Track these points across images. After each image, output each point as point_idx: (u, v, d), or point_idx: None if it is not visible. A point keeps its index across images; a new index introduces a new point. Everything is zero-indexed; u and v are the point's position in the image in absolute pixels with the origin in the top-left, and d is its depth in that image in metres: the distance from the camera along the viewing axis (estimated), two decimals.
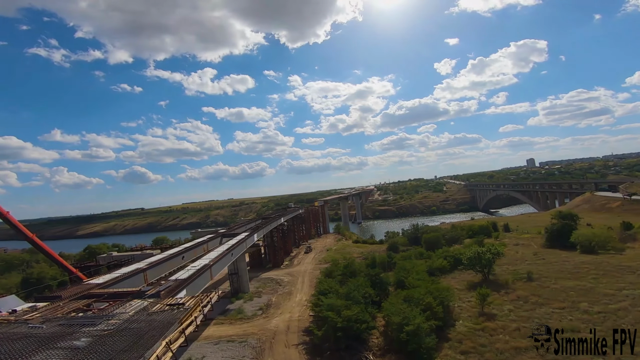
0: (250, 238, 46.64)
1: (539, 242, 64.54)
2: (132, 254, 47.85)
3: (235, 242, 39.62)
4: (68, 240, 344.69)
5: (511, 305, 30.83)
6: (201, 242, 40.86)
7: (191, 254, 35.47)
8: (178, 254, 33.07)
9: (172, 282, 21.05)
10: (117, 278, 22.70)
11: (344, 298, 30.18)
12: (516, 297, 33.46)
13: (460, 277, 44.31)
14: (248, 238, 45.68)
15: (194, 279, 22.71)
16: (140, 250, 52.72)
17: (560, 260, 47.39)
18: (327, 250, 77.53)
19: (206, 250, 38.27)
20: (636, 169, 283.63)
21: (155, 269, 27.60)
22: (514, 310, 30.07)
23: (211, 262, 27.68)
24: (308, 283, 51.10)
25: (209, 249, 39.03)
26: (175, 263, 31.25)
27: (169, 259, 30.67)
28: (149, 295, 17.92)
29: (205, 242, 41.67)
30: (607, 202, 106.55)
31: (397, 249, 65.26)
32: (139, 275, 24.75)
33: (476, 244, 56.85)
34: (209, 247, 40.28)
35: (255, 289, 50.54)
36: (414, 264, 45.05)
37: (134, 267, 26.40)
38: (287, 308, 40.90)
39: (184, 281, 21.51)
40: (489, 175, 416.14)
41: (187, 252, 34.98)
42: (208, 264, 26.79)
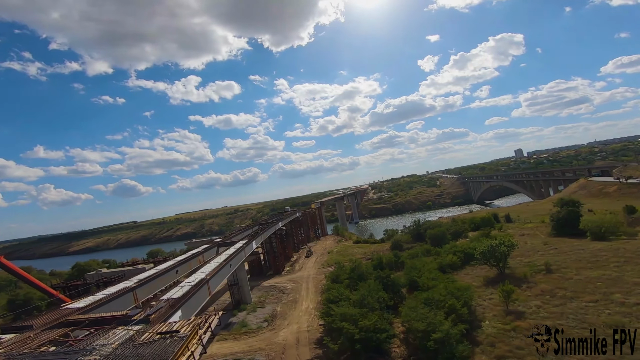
0: (248, 246, 43.72)
1: (545, 231, 63.09)
2: (123, 269, 44.55)
3: (233, 251, 36.71)
4: (60, 257, 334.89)
5: (538, 301, 28.68)
6: (196, 254, 37.82)
7: (186, 267, 32.53)
8: (171, 268, 30.11)
9: (164, 302, 18.23)
10: (102, 300, 19.73)
11: (357, 305, 27.65)
12: (540, 291, 31.36)
13: (473, 272, 42.20)
14: (246, 246, 42.75)
15: (189, 297, 19.88)
16: (132, 266, 49.39)
17: (573, 248, 45.68)
18: (329, 253, 74.94)
19: (202, 262, 35.33)
20: (621, 153, 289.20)
21: (146, 286, 24.65)
22: (542, 307, 27.89)
23: (208, 276, 24.83)
24: (313, 289, 48.43)
25: (205, 260, 36.11)
26: (168, 278, 28.34)
27: (162, 275, 27.71)
28: (136, 321, 15.10)
29: (200, 253, 38.65)
30: (604, 187, 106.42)
31: (401, 247, 63.05)
32: (127, 295, 21.81)
33: (483, 236, 55.11)
34: (205, 258, 37.32)
35: (258, 299, 47.65)
36: (424, 262, 42.82)
37: (122, 286, 23.40)
38: (294, 318, 38.16)
39: (177, 301, 18.69)
40: (480, 167, 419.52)
41: (181, 265, 32.00)
42: (205, 279, 23.94)
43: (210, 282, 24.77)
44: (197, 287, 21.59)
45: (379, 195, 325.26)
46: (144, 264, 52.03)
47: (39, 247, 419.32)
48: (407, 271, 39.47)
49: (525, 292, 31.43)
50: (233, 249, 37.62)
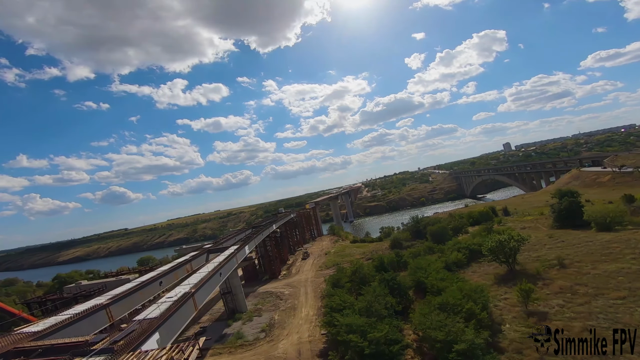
0: (241, 252, 40.67)
1: (546, 223, 61.76)
2: (105, 281, 41.09)
3: (223, 259, 33.56)
4: (48, 267, 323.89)
5: (559, 300, 26.60)
6: (183, 262, 34.65)
7: (171, 277, 29.47)
8: (155, 279, 27.04)
9: (138, 324, 15.32)
10: (65, 321, 16.66)
11: (363, 313, 25.12)
12: (559, 288, 29.35)
13: (481, 270, 40.15)
14: (238, 252, 39.66)
15: (170, 315, 16.98)
16: (115, 277, 45.83)
17: (581, 241, 44.09)
18: (326, 254, 72.34)
19: (190, 270, 32.30)
20: (606, 144, 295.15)
21: (123, 302, 21.59)
22: (566, 306, 25.81)
23: (193, 289, 21.88)
24: (312, 294, 45.73)
25: (193, 269, 33.08)
26: (151, 291, 25.31)
27: (143, 287, 24.67)
28: (97, 351, 12.18)
29: (188, 261, 35.45)
30: (597, 177, 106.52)
31: (401, 245, 60.84)
32: (99, 314, 18.79)
33: (485, 231, 53.29)
34: (194, 266, 34.25)
35: (254, 307, 44.71)
36: (428, 260, 40.56)
37: (92, 303, 20.26)
38: (293, 327, 35.42)
39: (154, 322, 15.79)
40: (470, 162, 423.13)
41: (166, 275, 28.92)
42: (189, 292, 21.00)
43: (197, 295, 21.88)
44: (179, 303, 18.69)
45: (373, 193, 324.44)
46: (130, 273, 48.56)
47: (26, 257, 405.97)
48: (412, 271, 37.13)
49: (542, 290, 29.40)
50: (223, 256, 34.54)
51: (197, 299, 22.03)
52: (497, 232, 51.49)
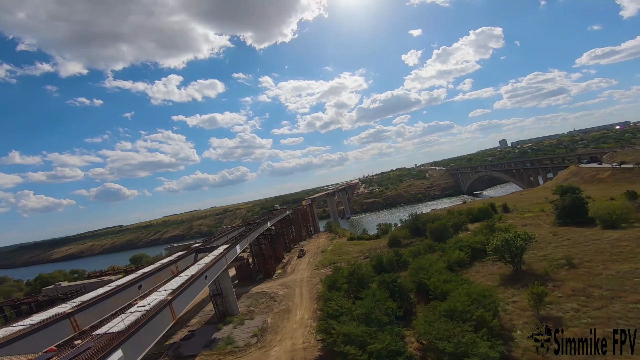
0: (231, 251, 38.32)
1: (548, 220, 60.14)
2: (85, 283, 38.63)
3: (210, 260, 31.11)
4: (42, 265, 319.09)
5: (573, 303, 24.73)
6: (168, 263, 32.25)
7: (153, 280, 27.14)
8: (133, 282, 24.72)
9: (94, 340, 13.05)
10: (18, 334, 14.32)
11: (362, 321, 23.06)
12: (571, 290, 27.48)
13: (484, 270, 38.29)
14: (228, 252, 37.29)
15: (137, 329, 14.70)
16: (98, 277, 43.37)
17: (587, 239, 42.40)
18: (323, 252, 70.32)
19: (175, 272, 29.99)
20: (601, 140, 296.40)
21: (93, 310, 19.21)
22: (581, 310, 23.93)
23: (170, 296, 19.60)
24: (308, 295, 43.67)
25: (179, 270, 30.78)
26: (128, 296, 22.99)
27: (118, 292, 22.35)
28: None
29: (173, 262, 33.06)
30: (596, 173, 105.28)
31: (399, 243, 58.93)
32: (61, 324, 16.47)
33: (487, 229, 51.48)
34: (180, 267, 31.93)
35: (246, 308, 42.60)
36: (429, 260, 38.60)
37: (54, 311, 17.92)
38: (287, 332, 33.33)
39: (116, 337, 13.53)
40: (467, 158, 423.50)
41: (147, 278, 26.58)
42: (165, 300, 18.73)
43: (176, 302, 19.61)
44: (152, 314, 16.40)
45: (370, 189, 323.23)
46: (115, 274, 46.13)
47: (19, 255, 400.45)
48: (413, 272, 35.12)
49: (553, 292, 27.52)
50: (210, 257, 32.06)
51: (175, 306, 19.77)
52: (500, 229, 49.80)
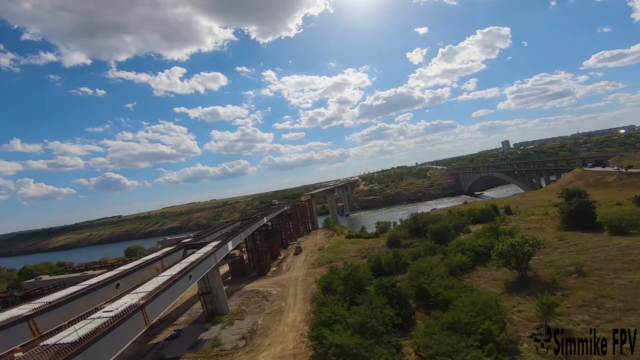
0: (221, 249, 36.26)
1: (553, 224, 58.28)
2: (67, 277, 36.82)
3: (197, 258, 28.77)
4: (39, 254, 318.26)
5: (584, 314, 22.88)
6: (153, 260, 30.23)
7: (134, 278, 25.19)
8: (110, 280, 22.77)
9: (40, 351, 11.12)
10: None
11: (357, 330, 21.21)
12: (581, 301, 25.63)
13: (488, 275, 36.43)
14: (219, 249, 35.26)
15: (95, 339, 12.65)
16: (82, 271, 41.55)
17: (596, 245, 40.51)
18: (320, 250, 68.53)
19: (160, 269, 28.07)
20: (605, 144, 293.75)
21: (58, 311, 17.19)
22: (593, 323, 22.08)
23: (143, 300, 17.54)
24: (302, 295, 41.86)
25: (164, 267, 28.88)
26: (103, 295, 21.04)
27: (91, 291, 20.40)
28: None
29: (158, 258, 31.00)
30: (602, 177, 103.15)
31: (398, 243, 57.09)
32: (18, 328, 14.55)
33: (490, 231, 49.55)
34: (166, 264, 29.99)
35: (237, 308, 40.81)
36: (430, 263, 36.72)
37: (11, 313, 15.95)
38: (277, 335, 31.54)
39: (67, 348, 11.57)
40: (469, 158, 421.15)
41: (126, 276, 24.63)
42: (136, 305, 16.66)
43: (149, 307, 17.64)
44: (117, 321, 14.33)
45: (370, 187, 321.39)
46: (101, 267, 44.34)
47: (16, 243, 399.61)
48: (412, 276, 33.22)
49: (562, 302, 25.64)
50: (197, 255, 29.79)
51: (150, 311, 17.83)
52: (504, 232, 47.90)
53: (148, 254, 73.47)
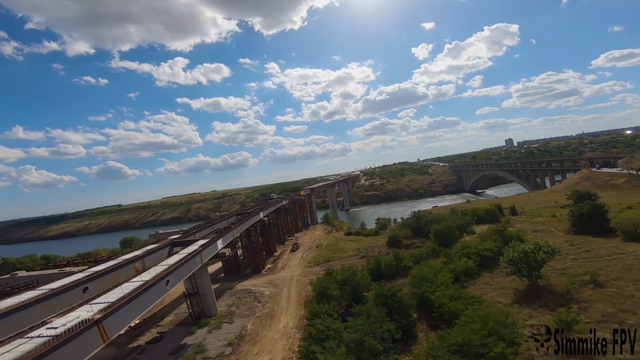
0: (210, 247, 33.64)
1: (561, 227, 55.61)
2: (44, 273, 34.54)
3: (176, 261, 25.72)
4: (37, 242, 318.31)
5: (605, 333, 20.31)
6: (132, 259, 27.54)
7: (106, 280, 22.74)
8: (77, 284, 20.27)
9: None
10: None
11: (352, 349, 18.79)
12: (600, 315, 23.17)
13: (495, 282, 33.92)
14: (206, 248, 32.51)
15: None
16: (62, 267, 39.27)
17: (610, 252, 37.93)
18: (317, 247, 66.19)
19: (140, 270, 25.61)
20: (611, 145, 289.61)
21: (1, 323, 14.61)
22: None
23: (100, 315, 14.87)
24: (295, 297, 39.54)
25: (145, 267, 26.46)
26: (65, 302, 18.55)
27: (49, 298, 17.88)
28: None
29: (139, 257, 28.35)
30: (610, 179, 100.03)
31: (399, 243, 54.64)
32: None
33: (496, 233, 46.95)
34: (147, 264, 27.51)
35: (227, 309, 38.56)
36: (433, 268, 34.19)
37: None
38: (267, 343, 29.24)
39: None
40: (472, 156, 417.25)
41: (98, 278, 22.16)
42: (90, 320, 14.06)
43: (109, 322, 15.04)
44: (60, 342, 11.70)
45: (371, 182, 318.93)
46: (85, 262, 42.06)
47: (15, 231, 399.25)
48: (414, 282, 30.70)
49: (579, 316, 23.08)
50: (177, 257, 26.73)
51: (109, 326, 15.32)
52: (511, 235, 45.34)
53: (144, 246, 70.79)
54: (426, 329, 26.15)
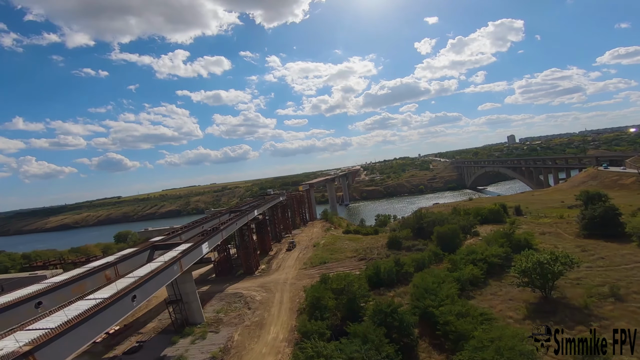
0: (193, 252, 30.46)
1: (570, 230, 52.81)
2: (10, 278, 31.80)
3: (147, 272, 22.68)
4: (36, 234, 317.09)
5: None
6: (102, 267, 24.16)
7: (67, 292, 19.87)
8: (28, 298, 17.42)
9: None
10: None
11: None
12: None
13: (503, 292, 31.19)
14: (187, 254, 28.87)
15: None
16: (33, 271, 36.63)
17: (627, 260, 35.16)
18: (314, 246, 63.56)
19: (111, 278, 22.71)
20: (614, 143, 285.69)
21: None
22: None
23: (27, 347, 11.64)
24: (288, 304, 36.92)
25: (118, 274, 23.64)
26: (11, 319, 15.73)
27: None
28: None
29: (111, 264, 25.10)
30: (618, 178, 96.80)
31: (400, 244, 51.89)
32: None
33: (503, 237, 44.13)
34: (121, 271, 24.62)
35: (214, 316, 35.99)
36: (437, 276, 31.44)
37: None
38: (253, 358, 26.67)
39: None
40: (473, 152, 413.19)
41: (56, 290, 19.29)
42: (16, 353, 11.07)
43: (43, 353, 12.13)
44: None
45: (371, 177, 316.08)
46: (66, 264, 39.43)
47: (14, 222, 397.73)
48: (417, 294, 27.94)
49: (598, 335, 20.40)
50: (147, 269, 22.51)
51: (45, 357, 12.39)
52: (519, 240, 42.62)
53: (141, 239, 67.83)
54: (429, 348, 23.54)
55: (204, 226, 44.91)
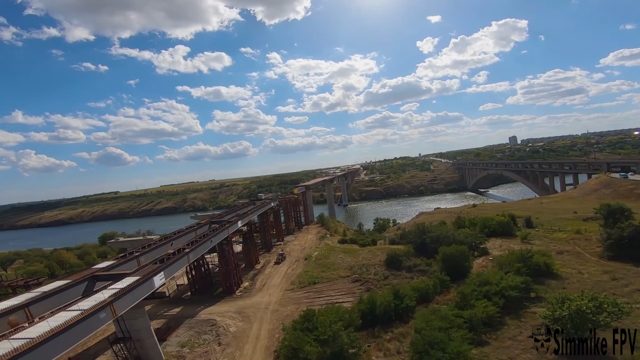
0: (137, 289, 22.75)
1: (591, 249, 46.97)
2: None
3: (44, 332, 14.91)
4: (29, 230, 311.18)
5: None
6: (9, 309, 17.28)
7: None
8: None
9: None
10: None
11: None
12: None
13: (522, 336, 25.04)
14: (126, 294, 20.50)
15: None
16: None
17: None
18: (306, 259, 57.69)
19: (16, 324, 16.31)
20: (618, 146, 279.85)
21: None
22: None
23: None
24: (265, 340, 31.03)
25: (32, 316, 17.43)
26: None
27: None
28: None
29: (21, 306, 17.62)
30: (635, 187, 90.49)
31: (400, 263, 46.01)
32: None
33: (520, 261, 38.14)
34: (35, 312, 18.17)
35: (177, 351, 30.19)
36: (444, 317, 25.61)
37: None
38: None
39: None
40: (475, 152, 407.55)
41: None
42: None
43: None
44: None
45: (371, 177, 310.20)
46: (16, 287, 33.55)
47: (9, 217, 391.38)
48: (419, 346, 22.04)
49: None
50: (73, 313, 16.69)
51: None
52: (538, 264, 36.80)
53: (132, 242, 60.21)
54: None
55: (173, 243, 38.88)
